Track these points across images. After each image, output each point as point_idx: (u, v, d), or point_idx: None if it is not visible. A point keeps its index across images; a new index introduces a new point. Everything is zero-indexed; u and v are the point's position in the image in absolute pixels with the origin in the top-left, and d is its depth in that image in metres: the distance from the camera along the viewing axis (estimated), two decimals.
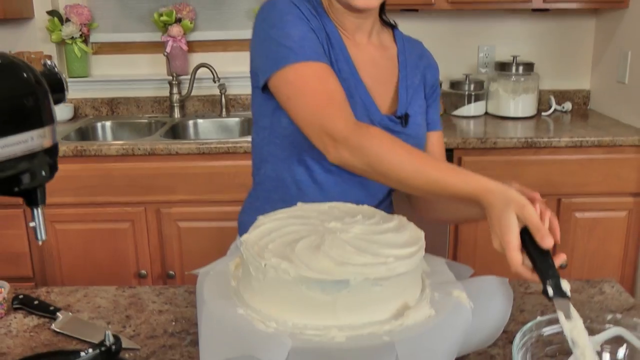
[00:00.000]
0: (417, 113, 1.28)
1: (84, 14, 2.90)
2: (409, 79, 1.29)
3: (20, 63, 0.65)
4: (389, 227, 0.83)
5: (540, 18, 2.94)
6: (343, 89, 1.11)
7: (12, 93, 0.62)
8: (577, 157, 2.40)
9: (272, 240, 0.79)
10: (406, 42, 1.34)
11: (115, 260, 2.50)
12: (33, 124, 0.63)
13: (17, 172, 0.63)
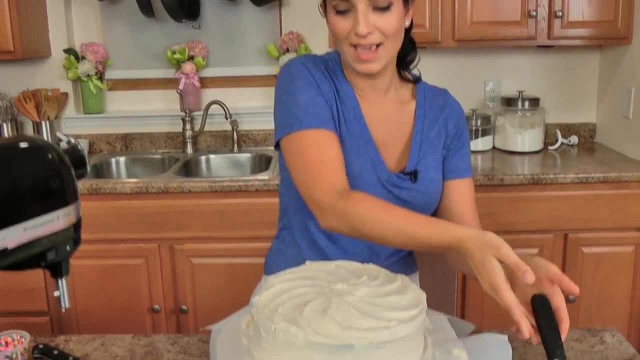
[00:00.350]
0: (430, 167, 1.32)
1: (99, 52, 2.98)
2: (424, 134, 1.32)
3: (44, 144, 0.70)
4: (393, 289, 0.87)
5: (545, 52, 2.99)
6: (340, 153, 1.18)
7: (38, 176, 0.67)
8: (583, 193, 2.44)
9: (281, 303, 0.83)
10: (428, 95, 1.37)
11: (129, 295, 2.55)
12: (58, 204, 0.68)
13: (43, 249, 0.68)
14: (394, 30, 1.20)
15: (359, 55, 1.19)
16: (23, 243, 0.65)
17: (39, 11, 2.89)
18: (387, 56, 1.22)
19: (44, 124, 2.94)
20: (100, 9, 3.03)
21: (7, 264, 0.64)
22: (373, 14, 1.18)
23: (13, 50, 2.63)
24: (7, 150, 0.66)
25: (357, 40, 1.18)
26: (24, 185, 0.65)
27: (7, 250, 0.63)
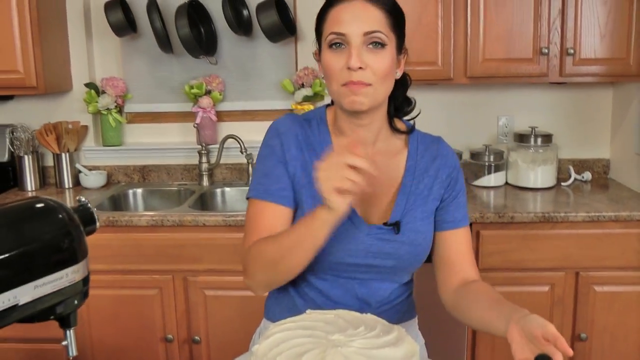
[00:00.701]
0: (417, 219, 1.33)
1: (119, 86, 3.06)
2: (413, 186, 1.34)
3: (55, 205, 0.75)
4: (388, 341, 0.90)
5: (559, 88, 3.02)
6: (276, 225, 1.27)
7: (49, 237, 0.71)
8: (594, 232, 2.44)
9: (279, 353, 0.87)
10: (420, 144, 1.39)
11: (143, 324, 2.59)
12: (68, 262, 0.73)
13: (52, 304, 0.72)
14: (385, 72, 1.23)
15: (349, 88, 1.22)
16: (33, 299, 0.69)
17: (61, 47, 2.98)
18: (375, 98, 1.25)
19: (64, 155, 3.02)
20: (120, 44, 3.12)
21: (18, 319, 0.68)
22: (367, 52, 1.22)
23: (36, 86, 2.72)
24: (20, 213, 0.71)
25: (348, 76, 1.21)
26: (36, 246, 0.70)
27: (18, 306, 0.67)
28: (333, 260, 1.29)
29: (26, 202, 0.75)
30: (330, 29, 1.24)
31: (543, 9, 2.62)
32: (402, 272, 1.37)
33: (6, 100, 3.08)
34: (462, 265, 1.36)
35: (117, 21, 2.90)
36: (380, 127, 1.34)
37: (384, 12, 1.25)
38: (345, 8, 1.24)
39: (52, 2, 2.89)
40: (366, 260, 1.30)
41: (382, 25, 1.24)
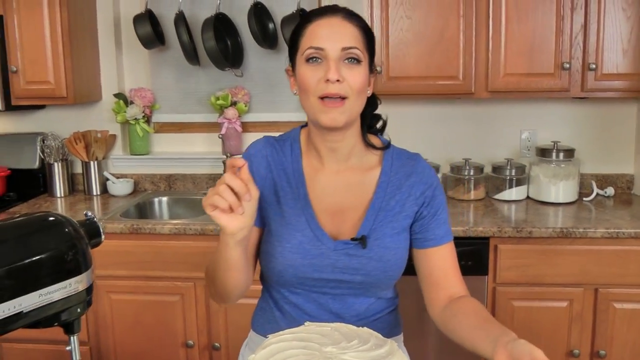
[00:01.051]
0: (387, 235, 1.33)
1: (147, 96, 3.14)
2: (384, 202, 1.35)
3: (63, 219, 0.80)
4: (379, 354, 0.93)
5: (583, 102, 3.01)
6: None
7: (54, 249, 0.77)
8: (614, 248, 2.42)
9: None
10: (395, 161, 1.39)
11: (165, 330, 2.65)
12: (72, 272, 0.78)
13: (56, 311, 0.77)
14: (360, 86, 1.26)
15: (326, 105, 1.25)
16: (37, 307, 0.74)
17: (92, 59, 3.08)
18: (351, 112, 1.27)
19: (92, 163, 3.11)
20: (149, 56, 3.21)
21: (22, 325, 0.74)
22: (343, 66, 1.25)
23: (66, 96, 2.82)
24: (28, 226, 0.76)
25: (325, 89, 1.24)
26: (42, 257, 0.75)
27: (23, 313, 0.72)
28: (299, 275, 1.32)
29: (36, 216, 0.80)
30: (308, 43, 1.27)
31: (565, 24, 2.63)
32: (374, 287, 1.36)
33: (38, 110, 3.20)
34: (448, 282, 1.36)
35: (145, 34, 2.98)
36: (353, 144, 1.36)
37: (360, 30, 1.29)
38: (323, 24, 1.27)
39: (84, 15, 2.99)
40: (334, 275, 1.32)
41: (358, 42, 1.27)
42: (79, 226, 0.82)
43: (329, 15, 1.28)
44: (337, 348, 0.94)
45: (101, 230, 0.86)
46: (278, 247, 1.32)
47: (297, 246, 1.31)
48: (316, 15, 1.30)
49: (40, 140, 3.12)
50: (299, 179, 1.36)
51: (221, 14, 3.03)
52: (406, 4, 2.68)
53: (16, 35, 2.78)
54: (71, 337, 0.83)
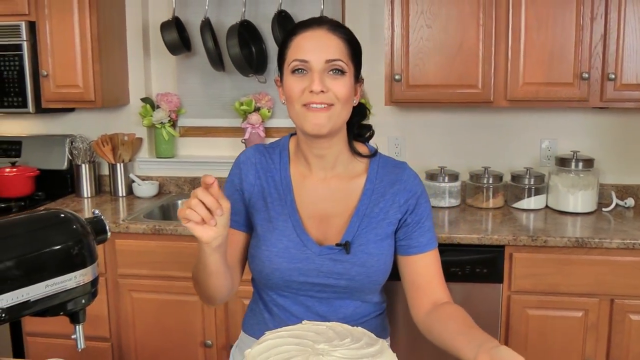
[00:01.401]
0: (371, 241, 1.37)
1: (173, 101, 3.23)
2: (368, 209, 1.39)
3: (72, 217, 0.86)
4: (368, 352, 0.97)
5: (603, 112, 3.00)
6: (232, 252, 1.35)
7: (61, 243, 0.83)
8: (630, 259, 2.42)
9: (267, 357, 0.95)
10: (381, 169, 1.42)
11: (184, 328, 2.72)
12: (78, 266, 0.84)
13: (63, 301, 0.83)
14: (345, 96, 1.30)
15: (310, 110, 1.28)
16: (44, 296, 0.80)
17: (120, 64, 3.19)
18: (336, 120, 1.31)
19: (119, 165, 3.21)
20: (175, 62, 3.30)
21: (30, 313, 0.80)
22: (328, 78, 1.29)
23: (94, 100, 2.92)
24: (39, 221, 0.83)
25: (310, 98, 1.28)
26: (49, 250, 0.81)
27: (30, 302, 0.78)
28: (285, 278, 1.37)
29: (47, 213, 0.87)
30: (293, 56, 1.31)
31: (585, 33, 2.63)
32: (359, 292, 1.40)
33: (67, 113, 3.31)
34: (432, 289, 1.39)
35: (172, 40, 3.07)
36: (339, 152, 1.40)
37: (344, 41, 1.32)
38: (308, 37, 1.31)
39: (113, 22, 3.09)
40: (319, 279, 1.36)
41: (342, 54, 1.31)
42: (86, 223, 0.88)
43: (314, 28, 1.32)
44: (329, 345, 0.99)
45: (107, 227, 0.92)
46: (265, 252, 1.37)
47: (284, 250, 1.36)
48: (302, 28, 1.34)
49: (68, 142, 3.23)
50: (287, 186, 1.40)
51: (246, 21, 3.10)
52: (427, 13, 2.71)
53: (47, 40, 2.90)
54: (76, 326, 0.89)
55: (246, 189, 1.41)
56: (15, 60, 2.88)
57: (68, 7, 2.86)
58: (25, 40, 2.88)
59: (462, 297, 2.53)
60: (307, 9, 3.14)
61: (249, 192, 1.41)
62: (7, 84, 2.91)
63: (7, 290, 0.76)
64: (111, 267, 2.72)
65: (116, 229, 2.67)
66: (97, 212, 0.93)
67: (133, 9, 3.22)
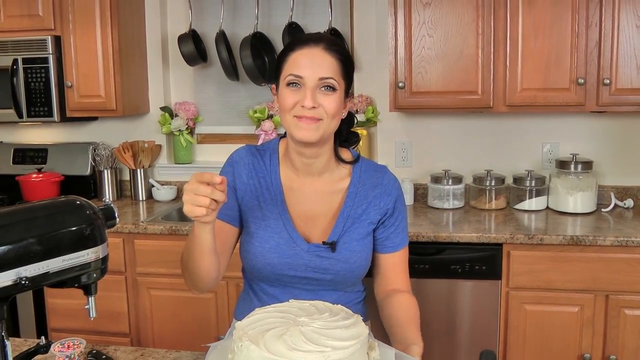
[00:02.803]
0: (354, 240, 1.51)
1: (190, 109, 3.40)
2: (352, 210, 1.52)
3: (85, 204, 1.02)
4: (343, 324, 1.11)
5: (602, 116, 3.10)
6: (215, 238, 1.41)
7: (77, 225, 0.98)
8: (623, 256, 2.51)
9: (253, 328, 1.09)
10: (363, 174, 1.56)
11: (199, 324, 2.87)
12: (90, 244, 0.99)
13: (77, 274, 0.99)
14: (335, 111, 1.41)
15: (300, 123, 1.40)
16: (61, 269, 0.95)
17: (141, 74, 3.37)
18: (324, 131, 1.42)
19: (139, 171, 3.38)
20: (193, 72, 3.47)
21: (50, 283, 0.95)
22: (319, 93, 1.40)
23: (115, 109, 3.11)
24: (57, 206, 0.98)
25: (301, 112, 1.39)
26: (66, 231, 0.97)
27: (49, 273, 0.94)
28: (276, 272, 1.51)
29: (65, 199, 1.03)
30: (289, 70, 1.41)
31: (580, 40, 2.74)
32: (342, 284, 1.55)
33: (91, 121, 3.51)
34: (395, 280, 1.57)
35: (189, 52, 3.25)
36: (327, 160, 1.52)
37: (338, 60, 1.43)
38: (304, 54, 1.41)
39: (133, 35, 3.28)
40: (306, 273, 1.51)
41: (335, 72, 1.42)
42: (98, 209, 1.03)
43: (311, 46, 1.42)
44: (309, 318, 1.13)
45: (116, 213, 1.07)
46: (258, 247, 1.50)
47: (275, 247, 1.49)
48: (299, 45, 1.44)
49: (91, 149, 3.42)
50: (277, 186, 1.53)
51: (259, 33, 3.26)
52: (428, 23, 2.85)
53: (72, 53, 3.09)
54: (89, 298, 1.05)
55: (239, 187, 1.53)
56: (42, 72, 3.08)
57: (91, 22, 3.06)
58: (51, 54, 3.07)
59: (462, 294, 2.65)
60: (317, 21, 3.29)
61: (242, 190, 1.53)
62: (34, 95, 3.10)
63: (30, 262, 0.91)
64: (131, 266, 2.89)
65: (135, 229, 2.84)
66: (107, 201, 1.09)
67: (152, 23, 3.40)
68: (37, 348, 1.16)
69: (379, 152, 3.33)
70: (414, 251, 2.63)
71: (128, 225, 2.85)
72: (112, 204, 1.08)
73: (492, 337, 2.67)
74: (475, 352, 2.68)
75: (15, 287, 0.91)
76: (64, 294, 2.85)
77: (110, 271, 1.08)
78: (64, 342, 1.35)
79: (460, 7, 2.81)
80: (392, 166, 3.32)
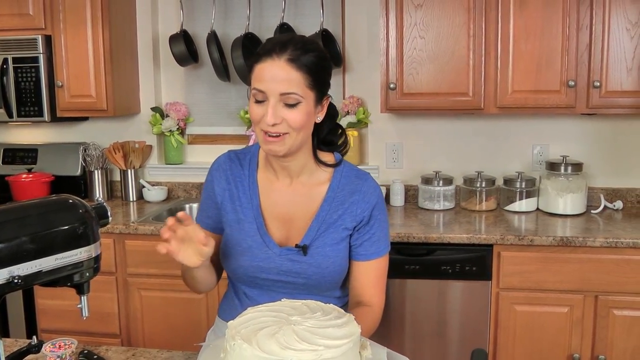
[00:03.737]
0: (327, 245, 1.49)
1: (181, 110, 3.40)
2: (328, 215, 1.50)
3: (78, 203, 1.02)
4: (335, 323, 1.11)
5: (592, 118, 3.13)
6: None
7: (70, 224, 0.98)
8: (613, 257, 2.53)
9: (246, 327, 1.09)
10: (343, 179, 1.53)
11: (190, 324, 2.87)
12: (82, 243, 0.99)
13: (70, 273, 0.99)
14: (299, 124, 1.38)
15: (266, 139, 1.40)
16: (53, 268, 0.95)
17: (132, 75, 3.36)
18: (292, 144, 1.41)
19: (129, 172, 3.37)
20: (184, 73, 3.47)
21: (42, 282, 0.95)
22: (283, 108, 1.36)
23: (106, 109, 3.10)
24: (51, 205, 0.98)
25: (265, 127, 1.38)
26: (59, 229, 0.96)
27: (41, 272, 0.93)
28: (248, 274, 1.52)
29: (58, 198, 1.02)
30: (254, 84, 1.38)
31: (571, 43, 2.76)
32: (316, 289, 1.52)
33: (81, 121, 3.49)
34: (364, 291, 1.54)
35: (180, 52, 3.24)
36: (304, 163, 1.51)
37: (303, 73, 1.37)
38: (267, 67, 1.36)
39: (124, 35, 3.27)
40: (279, 277, 1.51)
41: (298, 86, 1.36)
42: (90, 208, 1.03)
43: (274, 58, 1.36)
44: (301, 317, 1.13)
45: (109, 212, 1.07)
46: (231, 250, 1.52)
47: (247, 250, 1.50)
48: (264, 56, 1.38)
49: (82, 150, 3.40)
50: (254, 190, 1.54)
51: (250, 33, 3.26)
52: (420, 24, 2.86)
53: (62, 53, 3.08)
54: (81, 297, 1.04)
55: (218, 193, 1.56)
56: (32, 72, 3.06)
57: (82, 21, 3.04)
58: (41, 53, 3.06)
59: (453, 295, 2.66)
60: (309, 22, 3.29)
61: (221, 196, 1.55)
62: (25, 95, 3.09)
63: (23, 261, 0.91)
64: (121, 266, 2.88)
65: (126, 230, 2.83)
66: (100, 199, 1.08)
67: (143, 23, 3.39)
68: (28, 348, 1.16)
69: (369, 153, 3.34)
70: (405, 252, 2.65)
71: (119, 225, 2.85)
72: (104, 203, 1.07)
73: (483, 337, 2.68)
74: (465, 353, 2.69)
75: (7, 285, 0.91)
76: (54, 295, 2.84)
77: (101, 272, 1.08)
78: (56, 342, 1.35)
79: (452, 8, 2.82)
80: (382, 167, 3.33)
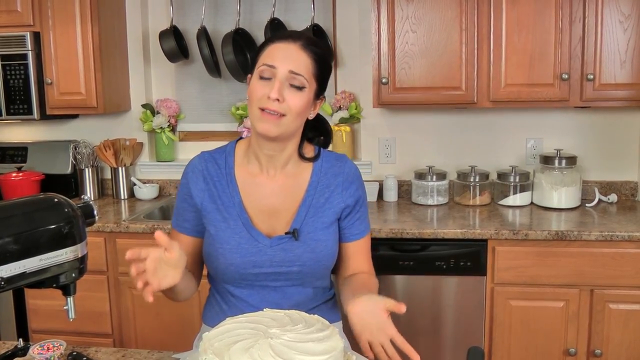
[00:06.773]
0: (318, 229, 1.50)
1: (172, 107, 3.36)
2: (314, 199, 1.52)
3: (64, 201, 0.99)
4: (316, 337, 1.07)
5: (587, 111, 3.11)
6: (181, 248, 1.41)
7: (55, 223, 0.95)
8: (608, 251, 2.52)
9: (220, 340, 1.06)
10: (325, 163, 1.56)
11: (182, 324, 2.84)
12: (68, 243, 0.96)
13: (56, 274, 0.96)
14: (299, 109, 1.42)
15: (263, 116, 1.40)
16: (38, 269, 0.92)
17: (122, 72, 3.33)
18: (286, 128, 1.42)
19: (120, 169, 3.34)
20: (174, 69, 3.43)
21: (27, 284, 0.92)
22: (287, 89, 1.40)
23: (96, 106, 3.06)
24: (35, 204, 0.95)
25: (266, 104, 1.38)
26: (43, 229, 0.94)
27: (26, 273, 0.90)
28: (240, 271, 1.49)
29: (43, 197, 0.99)
30: (263, 60, 1.42)
31: (564, 36, 2.74)
32: (310, 277, 1.53)
33: (71, 119, 3.45)
34: (360, 265, 1.59)
35: (170, 49, 3.21)
36: (290, 155, 1.53)
37: (313, 60, 1.44)
38: (280, 47, 1.43)
39: (114, 31, 3.24)
40: (272, 269, 1.49)
41: (306, 70, 1.42)
42: (76, 207, 1.00)
43: (289, 41, 1.44)
44: (281, 330, 1.09)
45: (95, 211, 1.04)
46: (219, 249, 1.49)
47: (236, 247, 1.48)
48: (278, 39, 1.46)
49: (72, 148, 3.37)
50: (233, 187, 1.52)
51: (241, 29, 3.23)
52: (411, 18, 2.83)
53: (51, 49, 3.04)
54: (68, 298, 1.01)
55: (196, 195, 1.53)
56: (21, 69, 3.02)
57: (71, 18, 3.00)
58: (30, 50, 3.02)
59: (447, 290, 2.64)
60: (299, 17, 3.27)
61: (200, 198, 1.53)
62: (13, 92, 3.05)
63: (6, 262, 0.88)
64: (112, 265, 2.85)
65: (117, 228, 2.80)
66: (86, 198, 1.05)
67: (133, 19, 3.36)
68: (14, 351, 1.13)
69: (362, 148, 3.32)
70: (398, 248, 2.63)
71: (110, 224, 2.81)
72: (91, 201, 1.05)
73: (478, 333, 2.67)
74: (460, 348, 2.68)
75: None
76: (45, 295, 2.80)
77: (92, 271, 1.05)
78: (44, 344, 1.32)
79: (444, 2, 2.80)
80: (375, 163, 3.31)
